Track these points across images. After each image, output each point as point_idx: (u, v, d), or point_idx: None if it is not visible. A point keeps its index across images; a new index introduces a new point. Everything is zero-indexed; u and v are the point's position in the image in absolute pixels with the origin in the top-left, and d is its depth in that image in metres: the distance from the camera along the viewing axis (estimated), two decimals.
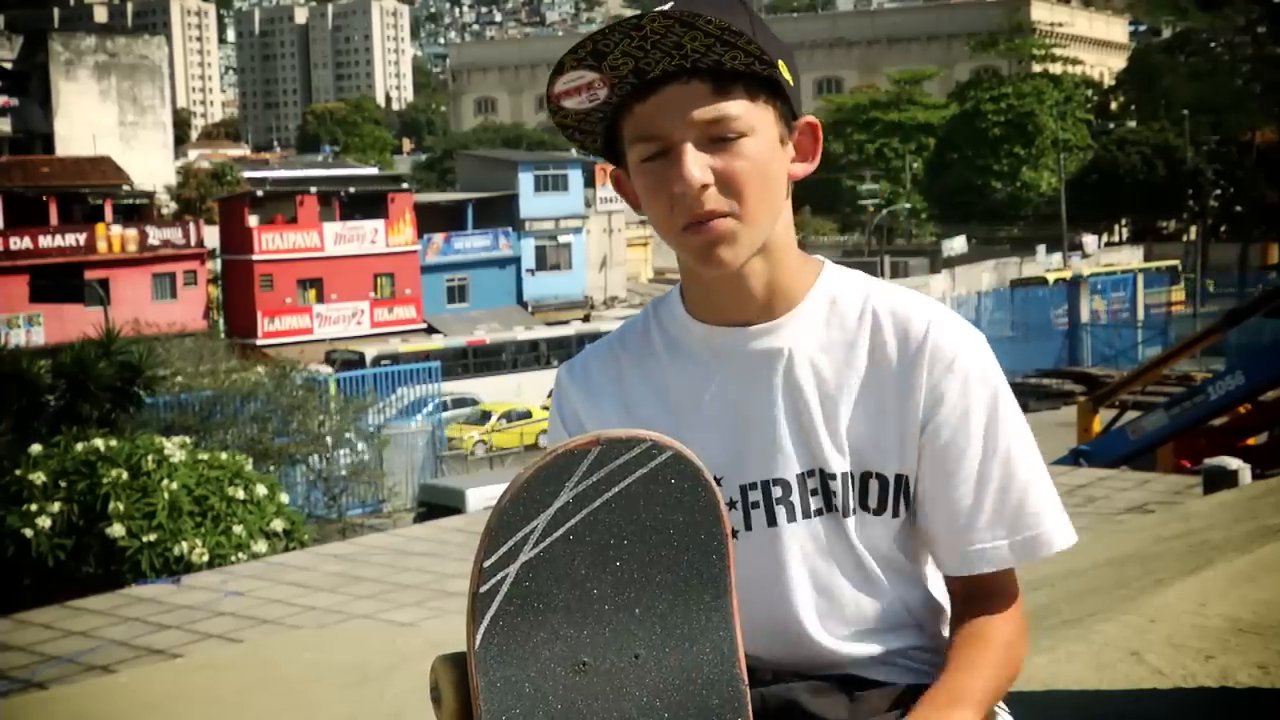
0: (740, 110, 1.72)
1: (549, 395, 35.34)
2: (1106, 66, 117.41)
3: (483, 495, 18.15)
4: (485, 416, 40.78)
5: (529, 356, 45.23)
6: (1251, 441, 18.21)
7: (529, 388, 41.74)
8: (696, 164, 1.71)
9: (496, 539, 1.57)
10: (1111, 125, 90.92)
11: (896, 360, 1.80)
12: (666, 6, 1.69)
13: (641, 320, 1.94)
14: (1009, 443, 1.80)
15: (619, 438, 1.58)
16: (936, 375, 1.79)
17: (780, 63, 1.75)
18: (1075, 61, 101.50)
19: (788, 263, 1.83)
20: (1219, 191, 75.15)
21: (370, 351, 41.28)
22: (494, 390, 41.17)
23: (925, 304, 1.84)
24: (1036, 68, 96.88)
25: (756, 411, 1.82)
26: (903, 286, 1.90)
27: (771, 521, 1.81)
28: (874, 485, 1.81)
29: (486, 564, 1.57)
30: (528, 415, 38.95)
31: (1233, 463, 10.99)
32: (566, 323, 51.45)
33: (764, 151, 1.75)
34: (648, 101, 1.72)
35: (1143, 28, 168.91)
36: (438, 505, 18.86)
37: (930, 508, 1.81)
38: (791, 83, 1.79)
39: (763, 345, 1.82)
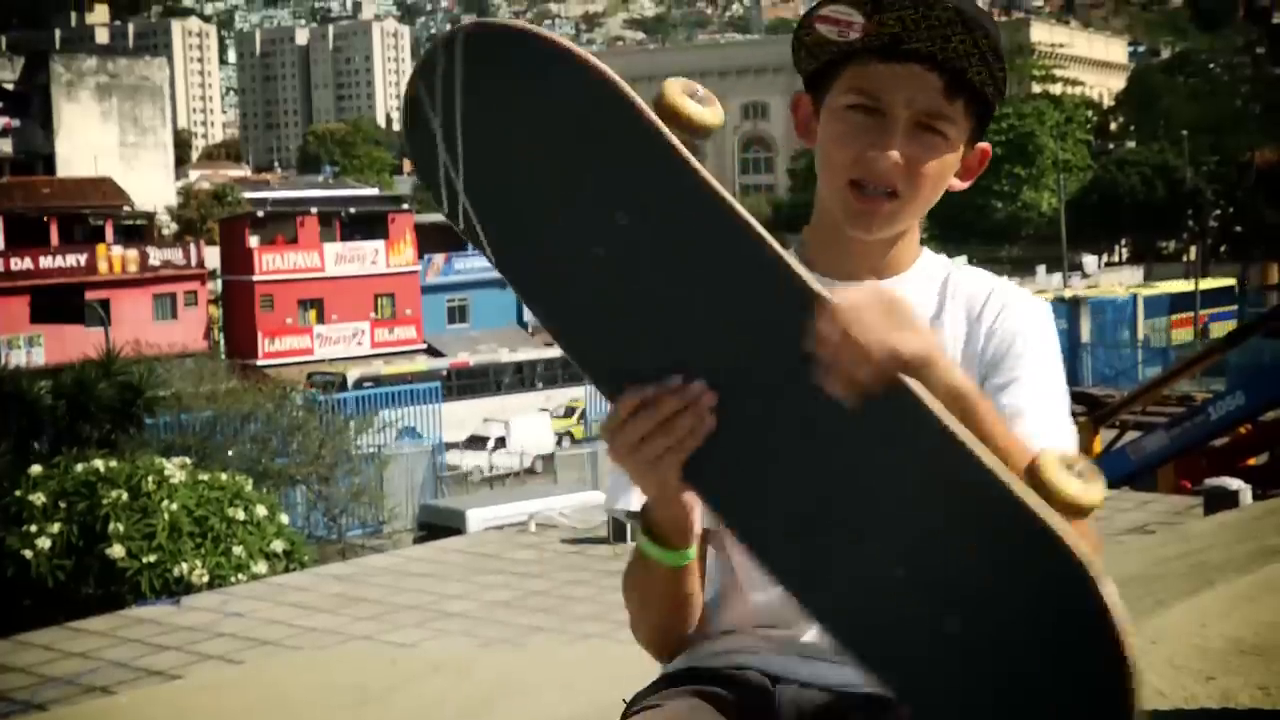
0: (954, 118, 1.82)
1: (563, 416, 34.66)
2: (1106, 87, 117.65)
3: (483, 516, 18.09)
4: (571, 411, 40.79)
5: (514, 379, 45.06)
6: (1252, 462, 18.19)
7: (514, 410, 41.45)
8: (901, 144, 1.80)
9: None
10: (1111, 146, 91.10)
11: (967, 322, 1.91)
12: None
13: None
14: (1055, 364, 1.87)
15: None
16: (992, 319, 1.89)
17: None
18: (1075, 82, 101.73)
19: (910, 241, 1.95)
20: (1219, 211, 75.33)
21: (352, 374, 41.02)
22: (479, 413, 40.58)
23: (994, 278, 1.97)
24: (1037, 88, 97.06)
25: None
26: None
27: None
28: None
29: None
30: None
31: (1233, 483, 11.00)
32: (552, 344, 51.36)
33: (949, 158, 1.85)
34: (887, 65, 1.78)
35: (1142, 48, 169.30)
36: (438, 526, 18.80)
37: None
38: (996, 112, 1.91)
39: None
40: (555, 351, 47.75)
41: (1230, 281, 57.35)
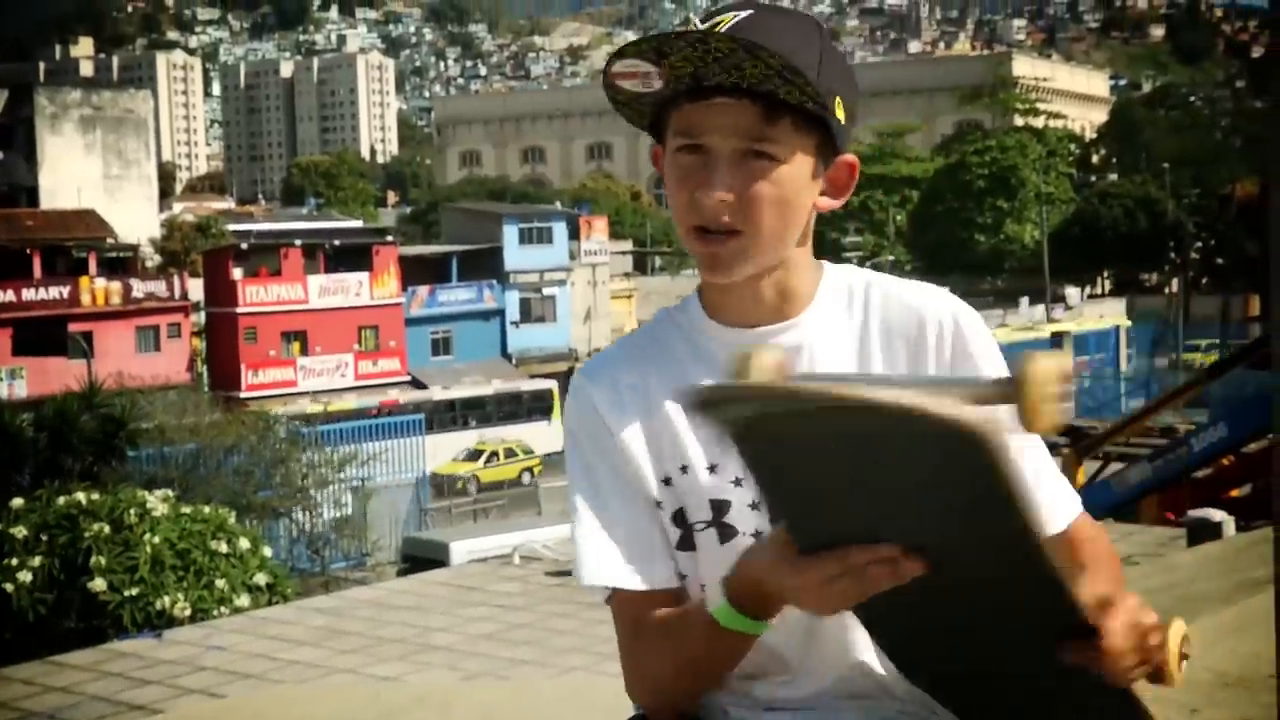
0: (782, 139, 1.73)
1: (466, 459, 33.27)
2: (1088, 120, 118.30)
3: (467, 548, 18.07)
4: (477, 454, 40.73)
5: (445, 418, 44.57)
6: (1235, 493, 18.20)
7: (445, 449, 40.88)
8: (724, 179, 1.73)
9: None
10: (1093, 178, 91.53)
11: (904, 338, 1.83)
12: (740, 16, 1.70)
13: (658, 326, 1.93)
14: None
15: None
16: (948, 350, 1.82)
17: (838, 99, 1.76)
18: (1057, 115, 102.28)
19: (802, 270, 1.85)
20: (1200, 244, 75.66)
21: (279, 413, 40.25)
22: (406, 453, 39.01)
23: (921, 285, 1.88)
24: (1019, 121, 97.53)
25: None
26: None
27: None
28: None
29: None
30: (514, 454, 40.68)
31: (1217, 515, 11.00)
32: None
33: (794, 181, 1.75)
34: (698, 105, 1.73)
35: (1124, 82, 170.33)
36: (421, 559, 18.77)
37: None
38: (843, 120, 1.78)
39: (780, 344, 1.80)
40: (489, 389, 47.54)
41: (1113, 322, 58.73)
